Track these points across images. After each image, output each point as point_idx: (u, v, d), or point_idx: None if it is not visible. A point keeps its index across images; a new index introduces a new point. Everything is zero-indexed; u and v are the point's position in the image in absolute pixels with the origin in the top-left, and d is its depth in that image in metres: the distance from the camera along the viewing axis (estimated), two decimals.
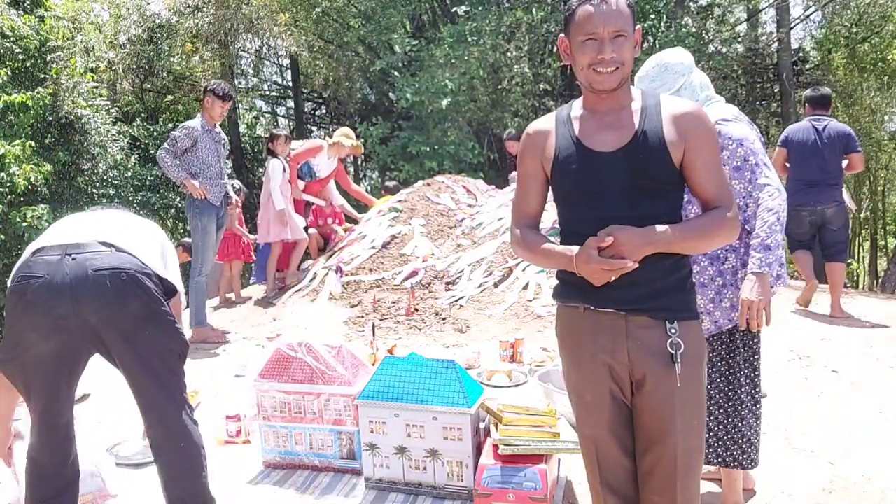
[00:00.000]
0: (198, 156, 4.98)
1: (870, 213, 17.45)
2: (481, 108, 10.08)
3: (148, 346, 1.99)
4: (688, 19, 10.76)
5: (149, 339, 1.99)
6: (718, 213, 1.61)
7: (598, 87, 1.61)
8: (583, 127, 1.66)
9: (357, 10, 11.96)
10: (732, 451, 2.30)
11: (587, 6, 1.56)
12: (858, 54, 12.22)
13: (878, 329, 4.70)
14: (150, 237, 2.21)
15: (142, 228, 2.24)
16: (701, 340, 1.66)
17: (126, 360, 2.00)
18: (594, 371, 1.67)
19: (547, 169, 1.71)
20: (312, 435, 2.78)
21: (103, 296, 1.91)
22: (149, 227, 2.29)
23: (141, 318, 1.96)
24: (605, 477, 1.71)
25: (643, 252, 1.53)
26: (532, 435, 2.39)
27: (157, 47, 12.76)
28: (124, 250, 2.01)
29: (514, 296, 5.32)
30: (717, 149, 1.64)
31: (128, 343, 1.96)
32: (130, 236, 2.11)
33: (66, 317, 1.90)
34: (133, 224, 2.23)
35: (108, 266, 1.93)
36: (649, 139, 1.59)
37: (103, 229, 2.08)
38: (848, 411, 3.36)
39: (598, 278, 1.55)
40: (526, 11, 9.93)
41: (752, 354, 2.32)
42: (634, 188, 1.59)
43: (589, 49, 1.58)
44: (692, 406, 1.62)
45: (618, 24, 1.56)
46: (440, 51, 9.90)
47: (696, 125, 1.60)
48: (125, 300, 1.93)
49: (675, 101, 1.67)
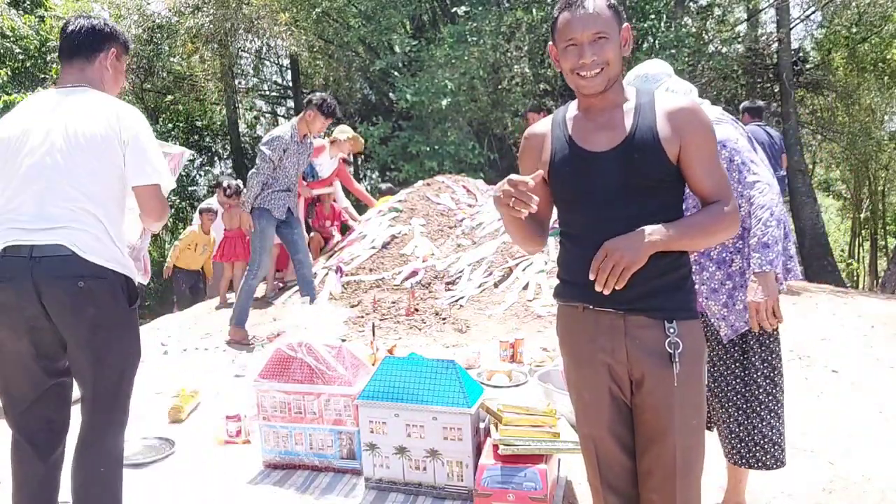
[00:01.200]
0: (280, 166, 4.81)
1: (870, 213, 17.44)
2: (481, 108, 10.07)
3: (99, 352, 1.97)
4: (688, 19, 10.75)
5: (101, 347, 1.97)
6: (717, 208, 1.61)
7: (584, 91, 1.63)
8: (577, 128, 1.67)
9: (357, 10, 11.95)
10: (755, 451, 2.29)
11: (565, 13, 1.60)
12: (858, 54, 12.22)
13: (878, 329, 4.69)
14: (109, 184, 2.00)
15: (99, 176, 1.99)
16: (700, 340, 1.66)
17: (77, 366, 1.99)
18: (593, 370, 1.67)
19: (545, 172, 1.71)
20: (312, 435, 2.78)
21: (62, 303, 1.91)
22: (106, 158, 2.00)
23: (96, 325, 1.95)
24: (605, 476, 1.72)
25: (645, 251, 1.52)
26: (532, 435, 2.40)
27: (157, 47, 12.76)
28: (85, 251, 1.93)
29: (514, 296, 5.32)
30: (713, 143, 1.64)
31: (80, 349, 1.96)
32: (92, 225, 1.96)
33: (36, 317, 1.91)
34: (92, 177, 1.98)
35: (68, 274, 1.91)
36: (643, 137, 1.59)
37: (62, 216, 1.94)
38: (848, 411, 3.36)
39: (506, 206, 1.55)
40: (526, 11, 9.93)
41: (770, 354, 2.28)
42: (630, 187, 1.59)
43: (570, 54, 1.60)
44: (691, 405, 1.62)
45: (596, 26, 1.57)
46: (440, 51, 9.89)
47: (690, 120, 1.60)
48: (82, 308, 1.92)
49: (669, 97, 1.67)
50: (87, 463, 1.99)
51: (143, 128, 2.07)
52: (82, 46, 2.12)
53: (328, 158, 6.55)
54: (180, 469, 2.89)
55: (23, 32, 8.52)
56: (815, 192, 13.03)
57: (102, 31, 2.16)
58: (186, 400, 3.54)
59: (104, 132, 1.99)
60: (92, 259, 1.93)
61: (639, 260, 1.51)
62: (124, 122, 2.03)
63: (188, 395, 3.58)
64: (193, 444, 3.12)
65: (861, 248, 19.28)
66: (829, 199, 19.82)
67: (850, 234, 20.41)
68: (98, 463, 2.00)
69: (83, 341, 1.95)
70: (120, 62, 2.22)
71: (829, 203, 20.47)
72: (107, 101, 2.07)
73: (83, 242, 1.93)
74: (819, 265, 11.07)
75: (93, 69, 2.14)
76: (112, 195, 2.03)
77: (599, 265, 1.52)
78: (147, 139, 2.06)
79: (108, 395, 2.01)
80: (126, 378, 2.06)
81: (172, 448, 3.06)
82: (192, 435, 3.23)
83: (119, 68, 2.23)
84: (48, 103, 2.06)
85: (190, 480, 2.77)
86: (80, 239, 1.93)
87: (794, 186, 11.41)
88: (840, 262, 15.58)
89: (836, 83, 12.69)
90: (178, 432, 3.26)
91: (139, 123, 2.07)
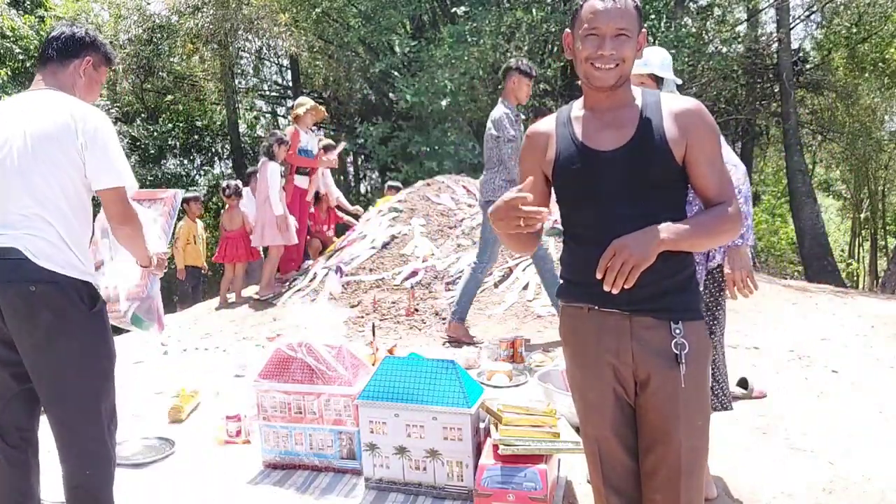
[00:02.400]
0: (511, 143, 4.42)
1: (870, 213, 17.46)
2: (481, 109, 10.06)
3: (61, 360, 1.92)
4: (688, 19, 10.75)
5: (62, 353, 1.92)
6: (721, 209, 1.60)
7: (595, 83, 1.61)
8: (583, 126, 1.67)
9: (357, 10, 11.96)
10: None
11: (594, 1, 1.58)
12: (858, 54, 12.23)
13: (878, 329, 4.70)
14: (65, 185, 1.96)
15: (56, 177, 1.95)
16: (705, 340, 1.66)
17: (37, 373, 1.93)
18: (598, 371, 1.67)
19: (548, 171, 1.70)
20: (312, 435, 2.78)
21: (14, 307, 1.88)
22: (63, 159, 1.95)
23: (54, 332, 1.89)
24: (607, 476, 1.71)
25: (654, 250, 1.51)
26: (532, 435, 2.39)
27: (157, 47, 12.77)
28: (38, 256, 1.90)
29: (514, 296, 5.32)
30: (718, 145, 1.64)
31: (38, 355, 1.91)
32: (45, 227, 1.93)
33: None
34: (47, 178, 1.94)
35: (20, 278, 1.88)
36: (650, 137, 1.59)
37: (15, 219, 1.92)
38: (848, 411, 3.36)
39: (506, 222, 1.52)
40: (526, 11, 9.92)
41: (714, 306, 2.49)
42: (636, 187, 1.59)
43: (589, 43, 1.58)
44: (696, 406, 1.62)
45: (621, 22, 1.56)
46: (440, 51, 9.89)
47: (696, 121, 1.60)
48: (35, 313, 1.88)
49: (676, 98, 1.67)
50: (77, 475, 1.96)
51: (103, 127, 2.00)
52: (59, 51, 2.09)
53: (307, 136, 6.43)
54: (180, 469, 2.89)
55: (23, 32, 8.52)
56: (815, 192, 13.03)
57: (82, 39, 2.12)
58: (186, 400, 3.54)
59: (59, 133, 1.93)
60: (44, 265, 1.89)
61: (648, 258, 1.49)
62: (81, 123, 1.95)
63: (188, 395, 3.58)
64: (193, 444, 3.12)
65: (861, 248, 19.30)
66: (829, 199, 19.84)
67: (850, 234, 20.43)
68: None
69: (41, 348, 1.90)
70: (97, 73, 2.17)
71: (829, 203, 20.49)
72: (66, 101, 2.01)
73: (36, 247, 1.90)
74: (819, 265, 11.08)
75: (65, 74, 2.10)
76: (68, 198, 1.96)
77: (608, 264, 1.50)
78: (106, 139, 1.99)
79: (77, 403, 1.95)
80: (94, 384, 1.99)
81: (172, 448, 3.06)
82: (192, 435, 3.23)
83: (95, 78, 2.18)
84: (15, 106, 2.03)
85: (190, 480, 2.77)
86: (34, 244, 1.90)
87: (794, 186, 11.41)
88: (840, 262, 15.58)
89: (836, 83, 12.70)
90: (178, 432, 3.25)
91: (99, 122, 1.99)
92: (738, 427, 3.18)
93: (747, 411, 3.37)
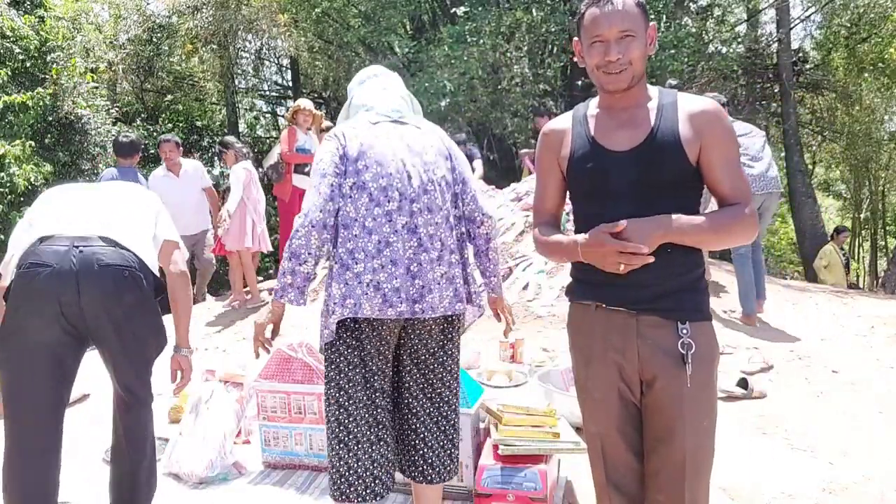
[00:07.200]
0: None
1: (870, 213, 17.45)
2: (481, 109, 10.06)
3: (133, 335, 2.15)
4: (688, 19, 10.74)
5: (135, 330, 2.14)
6: (735, 210, 1.59)
7: (608, 88, 1.63)
8: (598, 126, 1.67)
9: (357, 10, 11.95)
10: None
11: (593, 9, 1.59)
12: (858, 54, 12.21)
13: (878, 329, 4.70)
14: (144, 219, 2.32)
15: (137, 211, 2.33)
16: (713, 341, 1.65)
17: (111, 346, 2.13)
18: (604, 369, 1.67)
19: (563, 167, 1.72)
20: (312, 435, 2.78)
21: (105, 288, 2.05)
22: (143, 205, 2.38)
23: (133, 311, 2.12)
24: (610, 475, 1.71)
25: (655, 240, 1.52)
26: (532, 435, 2.39)
27: (157, 47, 12.75)
28: (126, 248, 2.14)
29: (514, 296, 5.32)
30: (733, 146, 1.63)
31: (117, 331, 2.10)
32: (129, 229, 2.22)
33: (69, 304, 2.01)
34: (130, 209, 2.32)
35: (113, 263, 2.07)
36: (665, 137, 1.59)
37: (105, 221, 2.20)
38: (848, 411, 3.36)
39: (610, 263, 1.53)
40: (526, 11, 9.91)
41: None
42: (649, 187, 1.59)
43: (595, 51, 1.60)
44: (702, 407, 1.61)
45: (623, 24, 1.56)
46: (439, 51, 9.88)
47: (712, 122, 1.60)
48: (123, 294, 2.08)
49: (692, 98, 1.66)
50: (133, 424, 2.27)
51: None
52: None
53: (306, 136, 6.26)
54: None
55: (23, 32, 8.50)
56: (815, 192, 13.03)
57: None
58: (186, 400, 3.53)
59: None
60: (135, 251, 2.15)
61: (648, 244, 1.51)
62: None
63: (188, 396, 3.57)
64: None
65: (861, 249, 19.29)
66: (829, 199, 19.83)
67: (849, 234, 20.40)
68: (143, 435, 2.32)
69: (120, 324, 2.09)
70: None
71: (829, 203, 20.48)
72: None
73: (124, 236, 2.17)
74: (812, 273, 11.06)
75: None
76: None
77: (615, 231, 1.53)
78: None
79: (143, 374, 2.24)
80: (152, 360, 2.27)
81: None
82: None
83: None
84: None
85: (190, 480, 2.77)
86: (122, 233, 2.17)
87: (794, 186, 11.40)
88: None
89: (836, 83, 12.69)
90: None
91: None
92: (739, 427, 3.18)
93: (747, 411, 3.37)
